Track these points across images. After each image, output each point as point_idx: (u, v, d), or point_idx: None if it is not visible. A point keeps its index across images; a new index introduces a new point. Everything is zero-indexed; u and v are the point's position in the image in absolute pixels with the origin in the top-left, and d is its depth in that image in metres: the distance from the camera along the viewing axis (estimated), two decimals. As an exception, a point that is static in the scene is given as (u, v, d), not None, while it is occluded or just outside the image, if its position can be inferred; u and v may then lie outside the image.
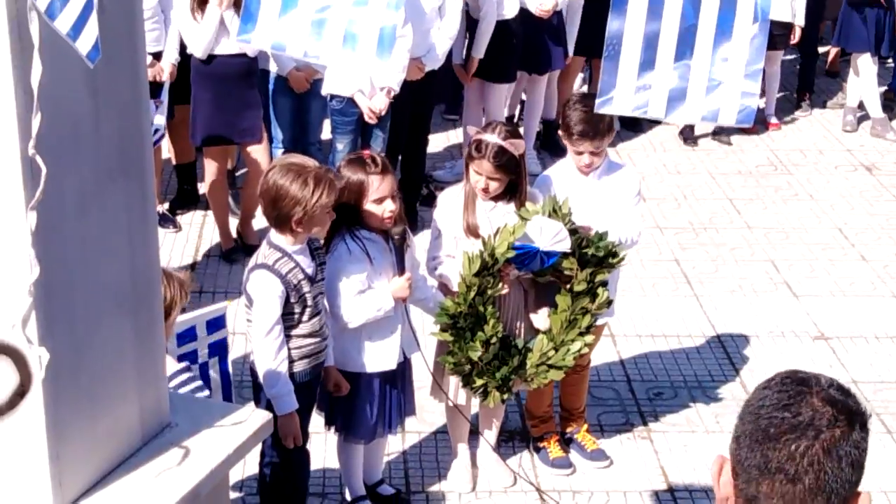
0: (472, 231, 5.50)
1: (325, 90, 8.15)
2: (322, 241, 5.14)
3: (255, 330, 4.86)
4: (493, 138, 5.41)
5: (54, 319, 2.57)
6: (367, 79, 7.96)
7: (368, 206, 5.09)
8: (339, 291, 5.12)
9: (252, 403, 4.96)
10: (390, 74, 7.96)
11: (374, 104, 7.99)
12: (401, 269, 5.21)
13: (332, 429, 5.49)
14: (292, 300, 4.87)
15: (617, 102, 5.18)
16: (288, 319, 4.90)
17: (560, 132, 5.96)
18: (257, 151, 8.07)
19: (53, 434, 2.59)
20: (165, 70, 8.21)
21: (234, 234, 8.37)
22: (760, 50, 5.11)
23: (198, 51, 7.87)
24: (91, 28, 2.31)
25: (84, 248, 2.63)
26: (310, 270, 4.91)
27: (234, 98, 7.96)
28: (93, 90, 2.60)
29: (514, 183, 5.50)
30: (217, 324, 5.00)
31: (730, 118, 5.13)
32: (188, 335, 4.80)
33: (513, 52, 9.27)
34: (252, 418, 2.96)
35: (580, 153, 5.74)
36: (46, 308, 2.54)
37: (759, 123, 10.93)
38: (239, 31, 5.28)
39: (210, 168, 8.23)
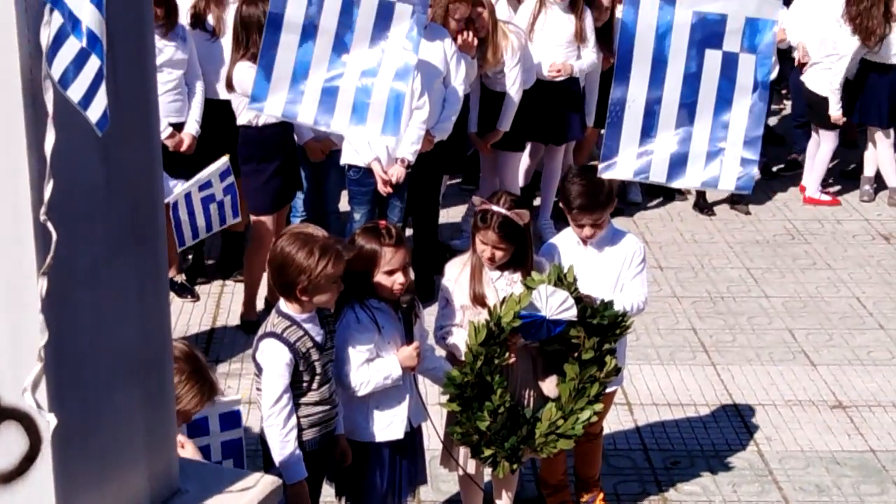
0: (478, 300, 5.52)
1: (343, 160, 8.22)
2: (332, 310, 5.15)
3: (265, 398, 4.87)
4: (497, 208, 5.44)
5: (64, 385, 2.60)
6: (383, 149, 8.02)
7: (379, 276, 5.11)
8: (347, 359, 5.13)
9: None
10: (405, 145, 8.04)
11: (389, 174, 8.05)
12: (409, 338, 5.23)
13: (343, 499, 5.47)
14: (301, 368, 4.88)
15: (619, 167, 5.22)
16: (297, 388, 4.91)
17: (561, 205, 6.00)
18: (267, 220, 8.13)
19: (62, 499, 2.60)
20: (186, 141, 8.29)
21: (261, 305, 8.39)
22: (759, 118, 5.15)
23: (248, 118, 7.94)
24: (101, 97, 2.36)
25: (95, 315, 2.66)
26: (319, 338, 4.93)
27: (287, 163, 8.11)
28: (105, 158, 2.65)
29: (519, 252, 5.53)
30: (231, 421, 4.98)
31: (729, 184, 5.17)
32: (200, 427, 4.78)
33: (525, 122, 9.34)
34: (261, 484, 2.97)
35: (581, 226, 5.78)
36: (56, 373, 2.56)
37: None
38: (251, 100, 5.34)
39: (255, 238, 8.25)
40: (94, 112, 2.37)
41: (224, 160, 7.45)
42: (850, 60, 10.60)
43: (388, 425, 5.29)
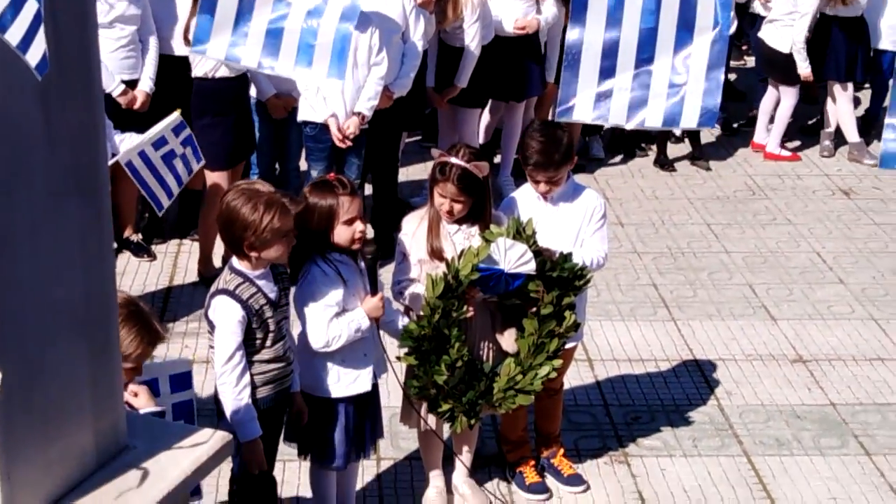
0: (436, 254, 5.47)
1: (300, 117, 8.13)
2: (287, 266, 5.09)
3: (217, 356, 4.81)
4: (456, 161, 5.38)
5: (5, 339, 2.53)
6: (340, 105, 7.94)
7: (339, 228, 5.05)
8: (315, 315, 5.07)
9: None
10: (363, 101, 7.96)
11: (345, 127, 7.96)
12: (373, 289, 5.17)
13: (306, 457, 5.43)
14: (254, 325, 4.82)
15: (578, 110, 5.16)
16: (250, 345, 4.85)
17: (519, 158, 5.96)
18: (221, 177, 8.03)
19: (4, 454, 2.54)
20: (139, 98, 8.17)
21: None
22: (721, 54, 5.09)
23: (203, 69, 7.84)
24: (39, 41, 2.28)
25: (35, 268, 2.58)
26: (272, 295, 4.87)
27: (242, 118, 8.00)
28: (45, 109, 2.57)
29: (478, 205, 5.47)
30: (182, 383, 4.91)
31: (691, 121, 5.12)
32: (151, 389, 4.70)
33: (484, 78, 9.28)
34: (212, 439, 2.91)
35: (536, 182, 5.73)
36: (-3, 327, 2.50)
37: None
38: (193, 42, 5.22)
39: (210, 194, 8.15)
40: (34, 56, 2.30)
41: (175, 115, 7.36)
42: (811, 18, 10.57)
43: (354, 379, 5.24)
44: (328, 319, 5.07)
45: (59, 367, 2.65)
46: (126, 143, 7.45)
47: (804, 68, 10.66)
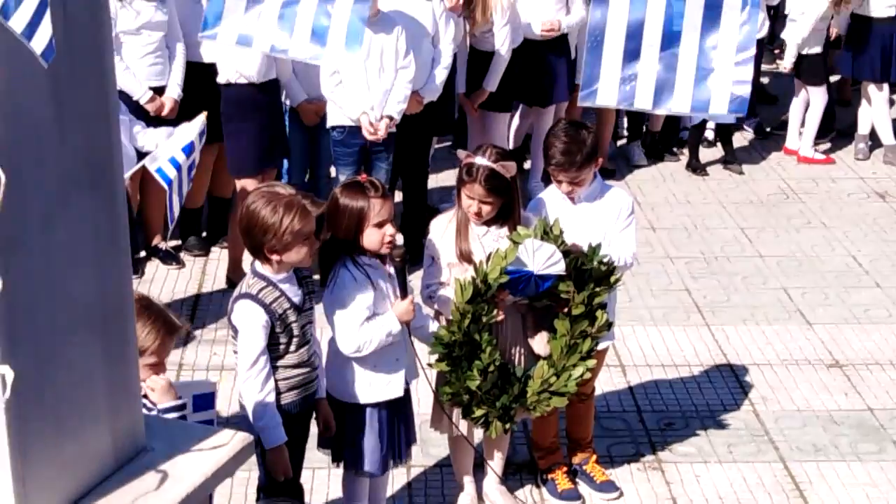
0: (464, 257, 5.38)
1: (328, 123, 8.07)
2: (311, 270, 5.02)
3: (241, 361, 4.74)
4: (483, 161, 5.30)
5: (18, 336, 2.46)
6: (370, 105, 7.88)
7: (369, 231, 4.97)
8: (345, 320, 4.99)
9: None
10: (392, 103, 7.90)
11: (376, 126, 7.87)
12: (403, 292, 5.09)
13: (340, 465, 5.34)
14: (278, 330, 4.74)
15: (602, 94, 5.04)
16: (274, 350, 4.78)
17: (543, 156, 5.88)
18: (250, 184, 7.97)
19: (18, 455, 2.47)
20: (167, 105, 8.13)
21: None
22: (750, 36, 4.94)
23: (252, 73, 7.78)
24: (45, 27, 2.21)
25: (49, 263, 2.52)
26: (296, 299, 4.79)
27: (272, 124, 7.96)
28: (56, 98, 2.50)
29: (506, 207, 5.39)
30: (205, 402, 4.84)
31: (721, 108, 4.99)
32: (181, 407, 4.65)
33: (511, 82, 9.20)
34: (233, 441, 2.83)
35: (559, 182, 5.65)
36: (9, 324, 2.43)
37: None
38: (202, 27, 5.13)
39: (242, 197, 8.07)
40: (39, 42, 2.23)
41: (201, 117, 7.31)
42: (817, 20, 10.43)
43: (387, 384, 5.16)
44: (359, 324, 4.99)
45: (72, 365, 2.58)
46: (147, 138, 7.43)
47: (788, 62, 10.60)
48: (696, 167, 10.61)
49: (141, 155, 7.50)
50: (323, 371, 5.05)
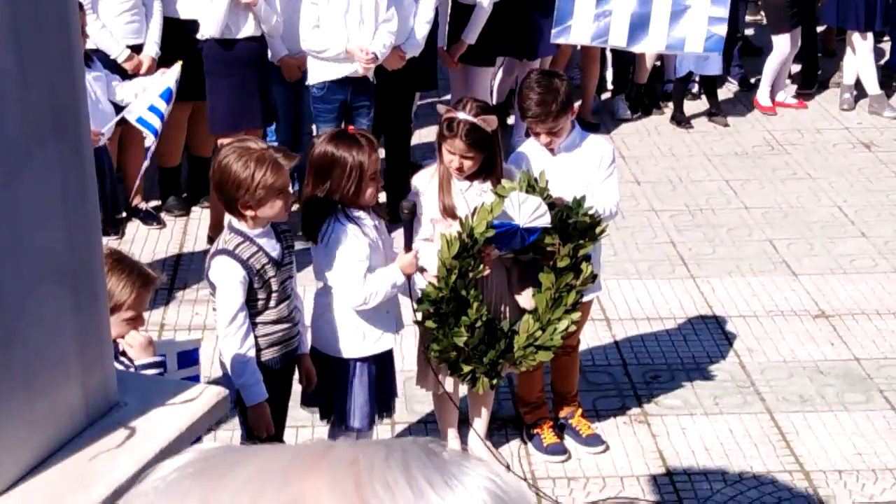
0: (448, 212, 5.33)
1: (309, 80, 7.98)
2: (289, 224, 4.97)
3: (219, 318, 4.69)
4: (464, 115, 5.23)
5: (-18, 290, 2.41)
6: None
7: (365, 183, 4.93)
8: (348, 273, 4.94)
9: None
10: (376, 44, 7.79)
11: (362, 55, 7.76)
12: (408, 245, 5.04)
13: (327, 421, 5.30)
14: (256, 286, 4.69)
15: (575, 31, 4.97)
16: (253, 306, 4.73)
17: (520, 112, 5.82)
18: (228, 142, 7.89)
19: (-15, 413, 2.42)
20: (145, 63, 8.03)
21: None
22: None
23: (210, 29, 7.67)
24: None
25: (14, 215, 2.45)
26: (275, 254, 4.73)
27: (255, 82, 7.83)
28: (16, 44, 2.43)
29: (488, 161, 5.33)
30: (190, 360, 4.79)
31: (697, 46, 4.93)
32: (159, 364, 4.60)
33: (495, 35, 9.10)
34: (206, 395, 2.78)
35: (537, 134, 5.59)
36: (-27, 278, 2.37)
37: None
38: None
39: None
40: None
41: (177, 67, 7.22)
42: None
43: (378, 338, 5.13)
44: (363, 276, 4.94)
45: (42, 320, 2.52)
46: (125, 90, 7.35)
47: None
48: (680, 120, 10.55)
49: (119, 110, 7.41)
50: (305, 326, 5.01)
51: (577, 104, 5.72)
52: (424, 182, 5.46)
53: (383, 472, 0.81)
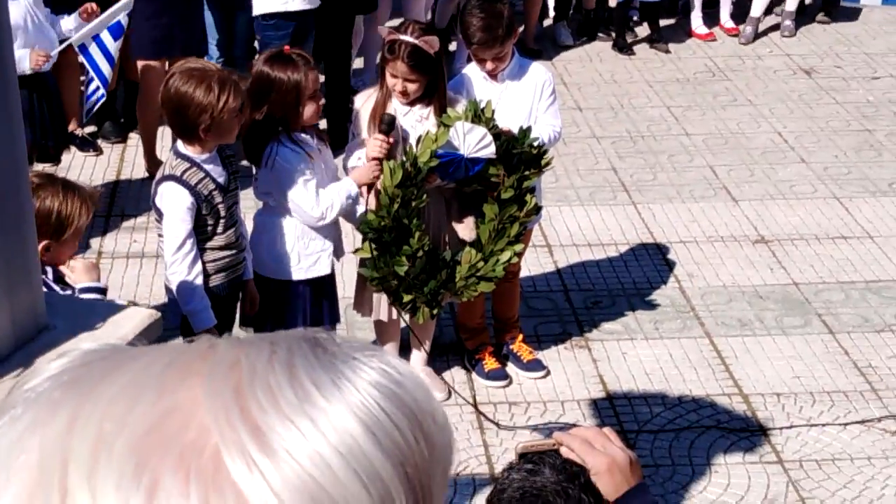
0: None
1: (257, 11, 7.84)
2: (234, 149, 4.92)
3: (167, 245, 4.64)
4: (406, 38, 5.16)
5: None
6: None
7: (308, 104, 4.87)
8: (301, 192, 4.93)
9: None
10: None
11: None
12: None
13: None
14: (204, 212, 4.64)
15: None
16: (201, 232, 4.68)
17: (462, 38, 5.76)
18: (154, 68, 7.72)
19: None
20: None
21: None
22: None
23: None
24: None
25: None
26: (221, 180, 4.68)
27: (179, 10, 7.66)
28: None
29: (431, 85, 5.27)
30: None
31: None
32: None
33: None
34: (137, 317, 2.73)
35: (482, 61, 5.53)
36: None
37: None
38: None
39: (145, 85, 7.85)
40: None
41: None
42: None
43: (315, 262, 5.10)
44: (315, 192, 4.91)
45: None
46: (69, 22, 7.19)
47: None
48: (622, 46, 10.48)
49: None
50: (249, 253, 4.97)
51: (519, 29, 5.65)
52: (367, 102, 5.40)
53: (265, 375, 0.75)
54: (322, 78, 8.51)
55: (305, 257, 5.08)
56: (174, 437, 0.72)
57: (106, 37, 6.95)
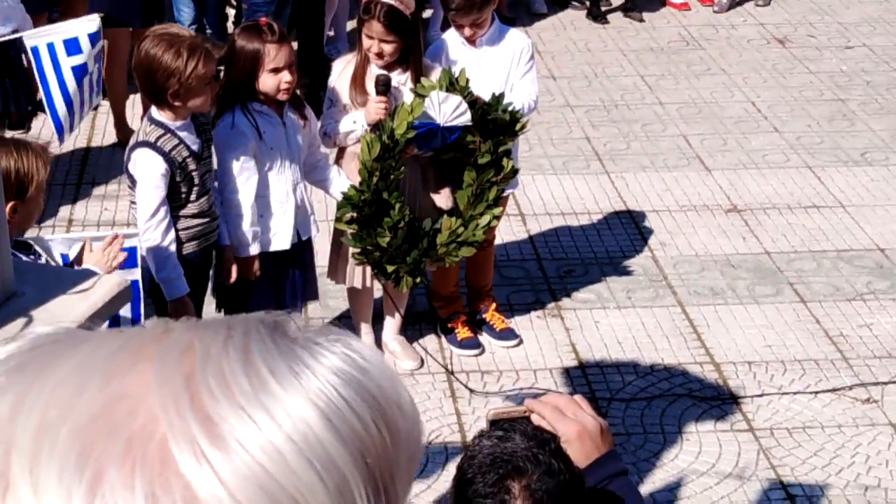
0: (360, 103, 5.26)
1: None
2: (211, 116, 4.89)
3: (140, 212, 4.61)
4: None
5: None
6: None
7: (264, 76, 4.81)
8: (225, 169, 4.89)
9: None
10: None
11: None
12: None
13: (223, 311, 5.25)
14: (178, 179, 4.62)
15: None
16: (174, 199, 4.66)
17: (442, 4, 5.74)
18: (121, 35, 7.64)
19: None
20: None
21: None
22: None
23: None
24: None
25: None
26: (195, 147, 4.66)
27: None
28: None
29: (407, 49, 5.24)
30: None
31: None
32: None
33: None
34: (105, 284, 2.71)
35: (461, 27, 5.50)
36: None
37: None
38: None
39: (111, 52, 7.80)
40: None
41: (95, 19, 6.86)
42: None
43: (273, 235, 5.05)
44: (238, 171, 4.87)
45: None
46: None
47: None
48: (596, 15, 10.45)
49: None
50: (223, 220, 4.93)
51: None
52: (341, 67, 5.38)
53: (219, 361, 0.71)
54: (295, 45, 8.55)
55: (262, 232, 5.03)
56: (120, 424, 0.69)
57: (59, 47, 6.67)
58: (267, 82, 4.83)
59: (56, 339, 0.76)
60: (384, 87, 5.07)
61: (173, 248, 4.65)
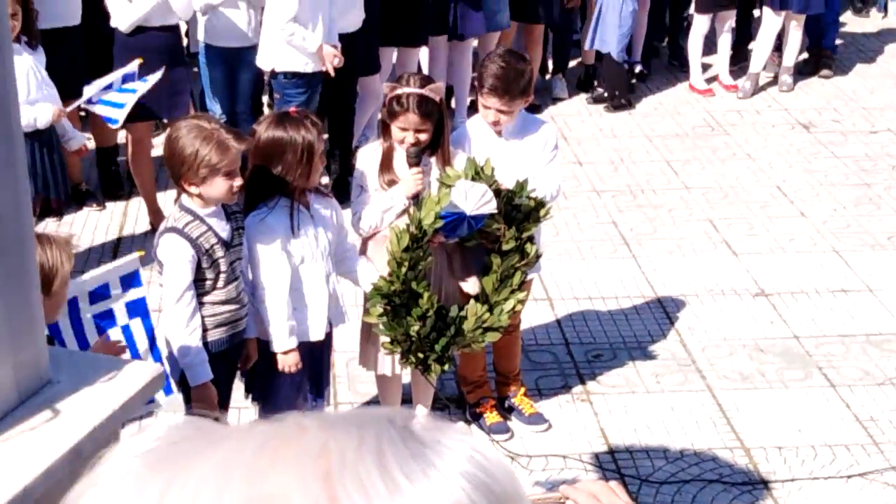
0: (391, 182, 5.31)
1: (282, 67, 7.85)
2: (240, 205, 4.92)
3: (166, 296, 4.65)
4: (410, 89, 5.19)
5: None
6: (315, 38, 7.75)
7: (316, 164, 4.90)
8: (256, 262, 4.92)
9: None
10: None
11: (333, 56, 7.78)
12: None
13: (251, 397, 5.27)
14: (204, 265, 4.65)
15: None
16: (200, 286, 4.68)
17: (476, 83, 5.78)
18: (141, 129, 7.82)
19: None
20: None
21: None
22: None
23: (123, 24, 7.56)
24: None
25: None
26: (224, 234, 4.69)
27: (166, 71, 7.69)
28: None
29: (436, 134, 5.30)
30: (132, 282, 4.73)
31: None
32: (101, 293, 4.56)
33: (420, 14, 9.00)
34: (140, 373, 2.74)
35: (487, 108, 5.52)
36: None
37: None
38: None
39: (135, 143, 7.93)
40: None
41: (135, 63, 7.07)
42: None
43: (308, 327, 5.07)
44: (279, 265, 4.90)
45: (-31, 296, 2.48)
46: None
47: None
48: (616, 106, 10.49)
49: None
50: (252, 310, 4.95)
51: (531, 97, 5.68)
52: (369, 156, 5.42)
53: (355, 466, 0.74)
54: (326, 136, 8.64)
55: (296, 322, 5.05)
56: None
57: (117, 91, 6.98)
58: (316, 171, 4.90)
59: (193, 434, 0.78)
60: (416, 158, 5.12)
61: (198, 333, 4.67)
